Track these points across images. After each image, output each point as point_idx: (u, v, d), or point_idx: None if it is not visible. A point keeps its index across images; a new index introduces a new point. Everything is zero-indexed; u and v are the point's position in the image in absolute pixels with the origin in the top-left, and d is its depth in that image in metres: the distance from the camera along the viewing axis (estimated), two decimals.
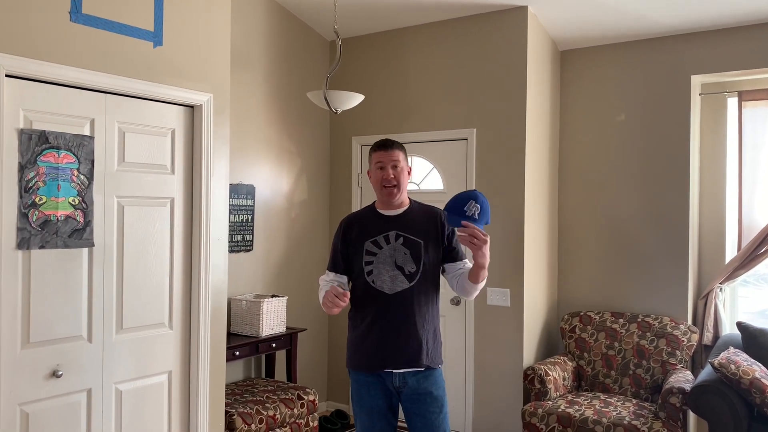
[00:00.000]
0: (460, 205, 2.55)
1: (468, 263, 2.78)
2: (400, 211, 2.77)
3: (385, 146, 2.74)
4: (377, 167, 2.74)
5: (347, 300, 2.54)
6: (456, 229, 2.63)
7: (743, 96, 4.31)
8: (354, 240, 2.75)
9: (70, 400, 2.70)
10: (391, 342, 2.64)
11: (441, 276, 2.82)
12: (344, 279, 2.80)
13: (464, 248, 2.80)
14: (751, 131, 4.29)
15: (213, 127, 3.18)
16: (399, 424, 2.81)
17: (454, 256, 2.77)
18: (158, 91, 2.94)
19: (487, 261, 2.60)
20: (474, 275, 2.65)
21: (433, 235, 2.73)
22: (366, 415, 2.68)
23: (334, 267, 2.80)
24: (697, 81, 4.35)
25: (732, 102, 4.39)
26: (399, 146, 2.77)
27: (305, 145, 5.04)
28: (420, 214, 2.78)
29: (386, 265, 2.67)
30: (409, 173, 2.79)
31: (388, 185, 2.70)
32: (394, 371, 2.65)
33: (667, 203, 4.35)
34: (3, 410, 2.46)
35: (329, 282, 2.78)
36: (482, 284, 2.70)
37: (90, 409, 2.77)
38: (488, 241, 2.53)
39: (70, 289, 2.69)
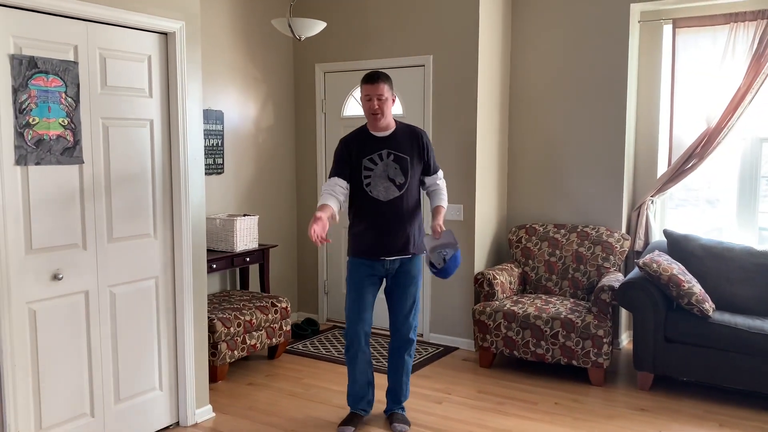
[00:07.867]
0: (442, 247, 3.30)
1: (441, 176, 3.55)
2: (389, 132, 3.40)
3: (371, 80, 3.31)
4: (365, 99, 3.33)
5: (323, 242, 3.07)
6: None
7: (677, 23, 4.67)
8: (354, 156, 3.36)
9: (71, 300, 3.04)
10: (386, 237, 3.36)
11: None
12: (344, 184, 3.35)
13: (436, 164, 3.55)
14: (683, 56, 4.67)
15: (186, 53, 3.41)
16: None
17: (429, 170, 3.48)
18: (134, 18, 3.15)
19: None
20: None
21: (416, 152, 3.41)
22: (355, 286, 3.42)
23: (339, 173, 3.35)
24: (636, 9, 4.68)
25: (667, 29, 4.75)
26: (384, 79, 3.33)
27: (270, 72, 5.27)
28: (406, 134, 3.42)
29: (381, 179, 3.34)
30: (393, 101, 3.40)
31: (374, 114, 3.30)
32: (387, 258, 3.37)
33: (606, 125, 4.75)
34: (14, 307, 2.79)
35: (332, 186, 3.31)
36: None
37: (88, 309, 3.10)
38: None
39: (65, 202, 2.98)
